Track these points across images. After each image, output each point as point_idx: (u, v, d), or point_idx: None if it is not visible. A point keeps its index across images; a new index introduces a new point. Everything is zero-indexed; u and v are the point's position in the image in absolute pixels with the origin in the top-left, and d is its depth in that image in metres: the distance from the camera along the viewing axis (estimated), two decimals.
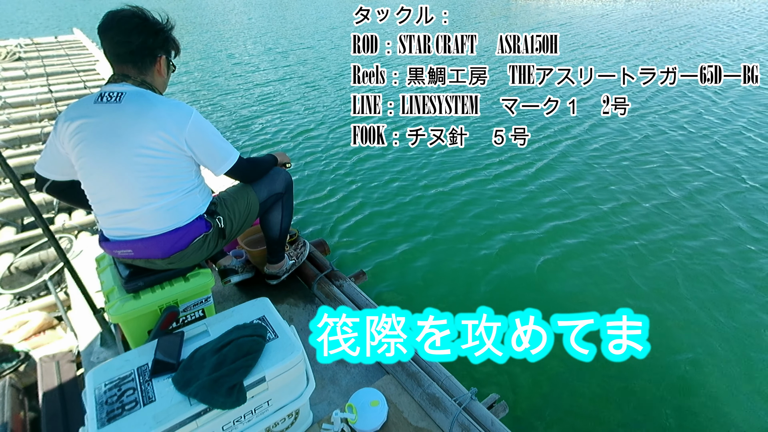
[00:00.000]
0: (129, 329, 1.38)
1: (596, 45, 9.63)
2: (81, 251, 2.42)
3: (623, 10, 14.51)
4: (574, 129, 5.29)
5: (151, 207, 1.26)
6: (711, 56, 8.29)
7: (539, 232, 3.42)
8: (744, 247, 3.18)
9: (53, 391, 1.62)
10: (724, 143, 4.77)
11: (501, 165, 4.49)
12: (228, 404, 1.05)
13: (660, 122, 5.40)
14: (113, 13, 1.23)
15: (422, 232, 3.50)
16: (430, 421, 1.40)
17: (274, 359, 1.15)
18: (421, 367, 1.55)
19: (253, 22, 16.03)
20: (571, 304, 2.74)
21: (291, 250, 2.05)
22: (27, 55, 7.57)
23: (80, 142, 1.22)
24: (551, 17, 13.62)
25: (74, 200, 1.47)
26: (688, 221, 3.47)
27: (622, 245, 3.24)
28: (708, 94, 6.29)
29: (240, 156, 1.41)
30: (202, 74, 8.78)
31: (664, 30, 10.96)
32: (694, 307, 2.69)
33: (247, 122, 6.14)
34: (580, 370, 2.34)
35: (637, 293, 2.81)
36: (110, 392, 1.06)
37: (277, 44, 11.53)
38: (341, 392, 1.52)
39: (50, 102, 5.24)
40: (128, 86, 1.25)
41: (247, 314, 1.30)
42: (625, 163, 4.45)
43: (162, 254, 1.33)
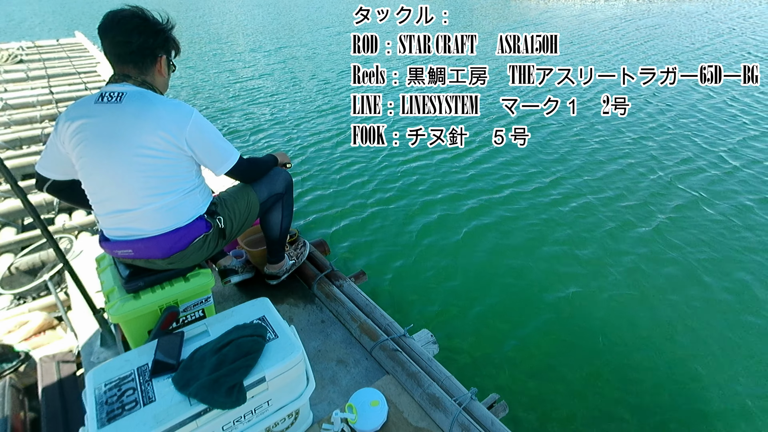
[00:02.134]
0: (129, 329, 1.38)
1: (595, 44, 9.64)
2: (81, 251, 2.42)
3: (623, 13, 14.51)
4: (574, 128, 5.30)
5: (152, 207, 1.26)
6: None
7: (545, 235, 3.41)
8: (742, 244, 3.18)
9: (53, 391, 1.61)
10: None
11: (503, 166, 4.49)
12: (228, 404, 1.05)
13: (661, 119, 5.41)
14: (113, 14, 1.23)
15: (423, 231, 3.50)
16: (430, 421, 1.40)
17: (274, 359, 1.15)
18: (421, 367, 1.55)
19: (253, 22, 16.05)
20: (592, 309, 2.73)
21: (291, 250, 2.05)
22: (28, 57, 7.58)
23: (81, 142, 1.22)
24: (551, 17, 13.63)
25: (74, 200, 1.47)
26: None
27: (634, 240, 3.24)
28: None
29: (240, 156, 1.41)
30: (202, 74, 8.79)
31: (665, 31, 10.96)
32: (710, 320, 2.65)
33: (247, 122, 6.14)
34: (581, 370, 2.34)
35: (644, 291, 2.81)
36: (110, 392, 1.06)
37: (277, 44, 11.54)
38: (341, 392, 1.52)
39: (51, 103, 5.25)
40: (129, 86, 1.25)
41: (247, 314, 1.30)
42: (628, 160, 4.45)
43: (162, 254, 1.33)
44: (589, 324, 2.60)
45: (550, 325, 2.61)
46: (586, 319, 2.64)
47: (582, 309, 2.71)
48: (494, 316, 2.69)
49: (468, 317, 2.68)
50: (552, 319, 2.65)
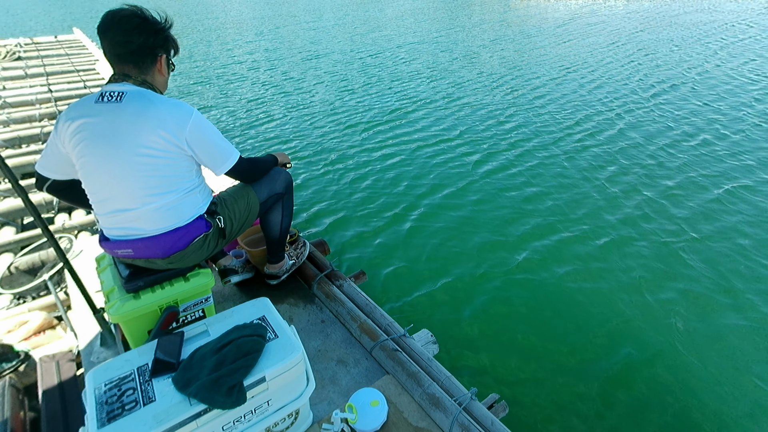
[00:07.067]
0: (129, 329, 1.38)
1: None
2: (81, 251, 2.42)
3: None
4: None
5: (152, 206, 1.26)
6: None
7: (550, 238, 3.41)
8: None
9: (53, 391, 1.61)
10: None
11: (502, 165, 4.49)
12: (228, 404, 1.05)
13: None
14: (113, 13, 1.23)
15: (423, 232, 3.50)
16: (430, 421, 1.40)
17: (274, 359, 1.15)
18: (421, 367, 1.55)
19: (252, 21, 16.02)
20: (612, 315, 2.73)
21: (291, 250, 2.05)
22: (27, 54, 7.57)
23: (81, 142, 1.22)
24: (552, 17, 13.62)
25: (74, 200, 1.47)
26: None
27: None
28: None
29: (240, 156, 1.41)
30: (202, 74, 8.78)
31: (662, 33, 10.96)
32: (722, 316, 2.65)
33: (246, 122, 6.14)
34: (581, 370, 2.34)
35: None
36: (110, 392, 1.06)
37: (277, 44, 11.53)
38: (341, 392, 1.52)
39: (50, 102, 5.24)
40: (129, 86, 1.25)
41: (247, 314, 1.30)
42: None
43: (162, 254, 1.33)
44: (592, 326, 2.60)
45: (551, 324, 2.61)
46: (587, 318, 2.64)
47: (584, 309, 2.71)
48: (495, 316, 2.69)
49: (468, 317, 2.68)
50: (553, 319, 2.65)
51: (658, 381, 2.27)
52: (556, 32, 11.07)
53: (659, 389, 2.23)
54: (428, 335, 1.90)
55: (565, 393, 2.23)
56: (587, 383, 2.27)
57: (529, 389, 2.25)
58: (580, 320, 2.63)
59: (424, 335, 1.90)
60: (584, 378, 2.29)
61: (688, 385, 2.24)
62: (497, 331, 2.59)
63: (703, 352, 2.41)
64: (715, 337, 2.49)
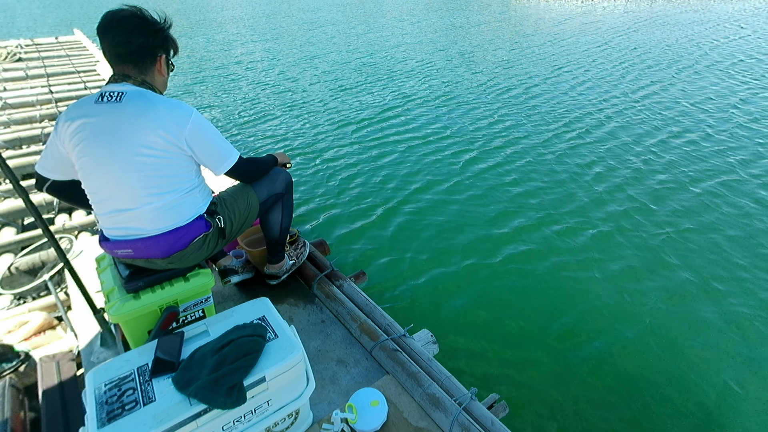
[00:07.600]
0: (129, 329, 1.38)
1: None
2: (81, 251, 2.42)
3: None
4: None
5: (151, 206, 1.26)
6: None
7: (548, 233, 3.41)
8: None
9: (53, 391, 1.61)
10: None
11: (503, 165, 4.49)
12: (228, 404, 1.05)
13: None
14: (112, 14, 1.23)
15: (423, 232, 3.50)
16: (430, 421, 1.40)
17: (274, 359, 1.15)
18: (421, 367, 1.55)
19: (252, 21, 16.04)
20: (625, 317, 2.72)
21: (291, 250, 2.05)
22: (27, 55, 7.58)
23: (81, 142, 1.22)
24: (551, 17, 13.62)
25: (74, 200, 1.48)
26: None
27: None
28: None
29: (240, 156, 1.41)
30: (201, 74, 8.78)
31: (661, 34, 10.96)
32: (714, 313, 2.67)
33: (246, 122, 6.14)
34: (581, 370, 2.34)
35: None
36: (110, 392, 1.06)
37: (276, 43, 11.53)
38: (341, 392, 1.52)
39: (51, 103, 5.24)
40: (129, 86, 1.25)
41: (247, 314, 1.30)
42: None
43: (162, 254, 1.33)
44: (593, 325, 2.60)
45: (551, 324, 2.61)
46: (588, 318, 2.64)
47: (586, 309, 2.71)
48: (495, 316, 2.69)
49: (469, 317, 2.68)
50: (553, 318, 2.65)
51: (658, 381, 2.27)
52: (552, 32, 11.09)
53: (660, 389, 2.23)
54: (428, 335, 1.90)
55: (565, 393, 2.22)
56: (588, 383, 2.27)
57: (529, 389, 2.25)
58: (582, 321, 2.63)
59: (424, 335, 1.90)
60: (585, 378, 2.29)
61: (687, 384, 2.24)
62: (498, 331, 2.58)
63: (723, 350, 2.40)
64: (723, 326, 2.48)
